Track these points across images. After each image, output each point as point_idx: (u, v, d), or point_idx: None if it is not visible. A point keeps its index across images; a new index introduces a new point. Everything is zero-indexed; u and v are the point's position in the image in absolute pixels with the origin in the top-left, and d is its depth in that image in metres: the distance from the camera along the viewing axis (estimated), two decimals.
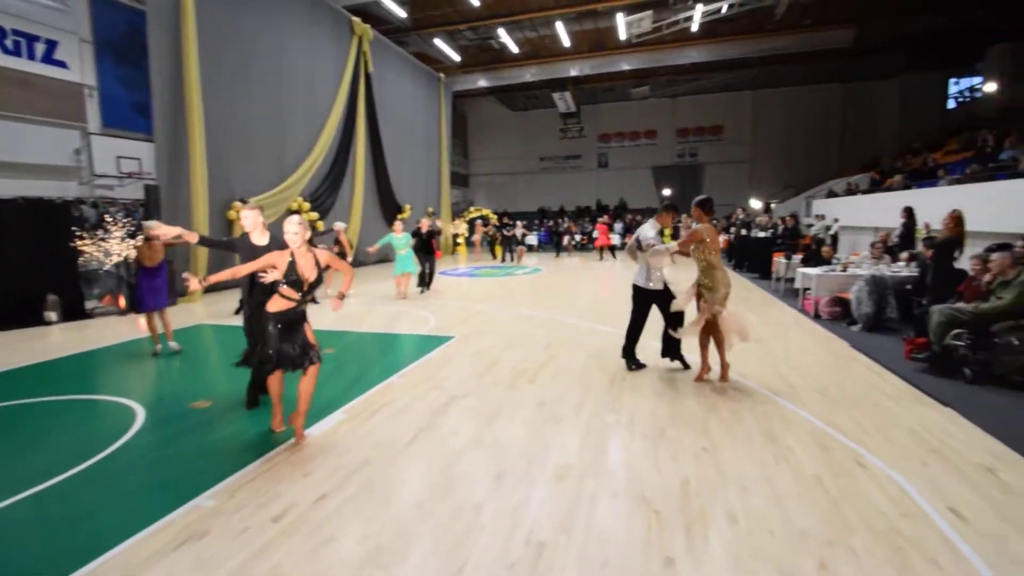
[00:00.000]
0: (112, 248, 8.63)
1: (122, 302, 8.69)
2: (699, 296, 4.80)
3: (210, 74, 10.18)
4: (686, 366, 5.15)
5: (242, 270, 3.56)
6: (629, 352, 5.21)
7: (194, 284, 3.44)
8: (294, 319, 3.55)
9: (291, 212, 12.59)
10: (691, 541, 2.45)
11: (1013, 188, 8.76)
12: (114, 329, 7.58)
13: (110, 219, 8.84)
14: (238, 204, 10.41)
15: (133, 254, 8.61)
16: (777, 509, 2.69)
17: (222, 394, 4.77)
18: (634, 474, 3.09)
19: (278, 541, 2.50)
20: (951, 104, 22.66)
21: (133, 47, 10.90)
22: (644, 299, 5.12)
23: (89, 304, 8.64)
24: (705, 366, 4.80)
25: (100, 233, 8.64)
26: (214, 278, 3.50)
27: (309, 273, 3.47)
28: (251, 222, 4.07)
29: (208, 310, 9.04)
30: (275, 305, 3.48)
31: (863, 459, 3.21)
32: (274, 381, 3.68)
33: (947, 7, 15.96)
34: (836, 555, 2.32)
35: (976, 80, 20.69)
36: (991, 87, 17.76)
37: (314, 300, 3.75)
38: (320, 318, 8.09)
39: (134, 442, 3.68)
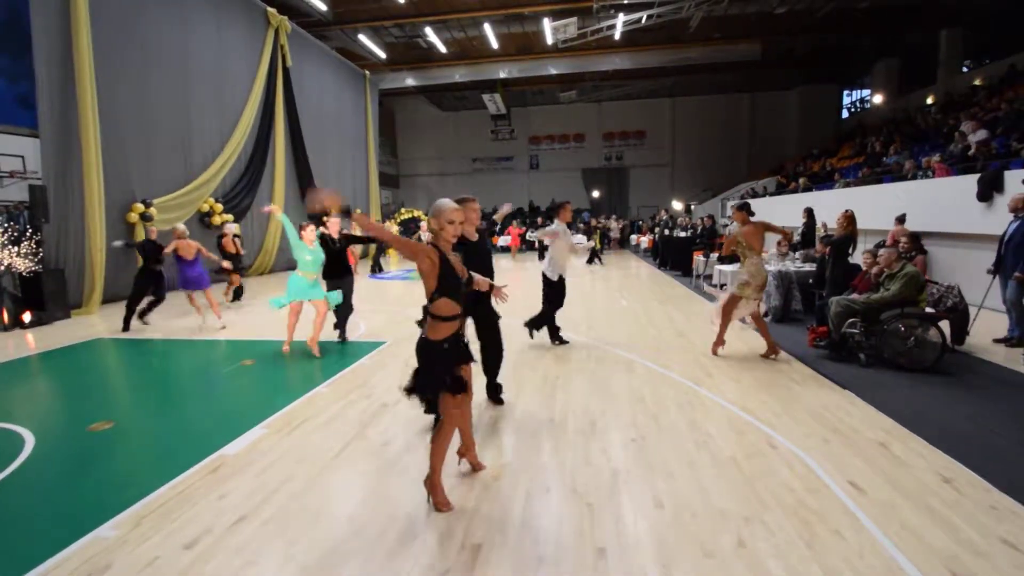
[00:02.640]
0: None
1: (5, 316, 7.73)
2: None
3: (105, 64, 9.27)
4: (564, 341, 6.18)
5: (398, 240, 2.82)
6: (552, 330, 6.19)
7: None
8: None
9: (202, 214, 11.78)
10: (621, 530, 2.52)
11: (897, 189, 9.83)
12: None
13: None
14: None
15: (18, 263, 7.76)
16: (698, 492, 2.83)
17: (124, 414, 4.36)
18: (567, 469, 3.14)
19: (192, 570, 2.31)
20: (844, 114, 25.08)
21: (13, 33, 9.76)
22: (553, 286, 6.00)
23: None
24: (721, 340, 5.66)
25: None
26: (364, 222, 2.77)
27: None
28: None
29: (107, 324, 8.24)
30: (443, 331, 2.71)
31: (774, 440, 3.46)
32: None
33: (838, 27, 17.62)
34: (753, 531, 2.48)
35: (865, 92, 23.03)
36: (878, 98, 19.83)
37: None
38: (234, 327, 7.62)
39: (22, 472, 3.29)
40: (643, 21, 15.69)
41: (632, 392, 4.48)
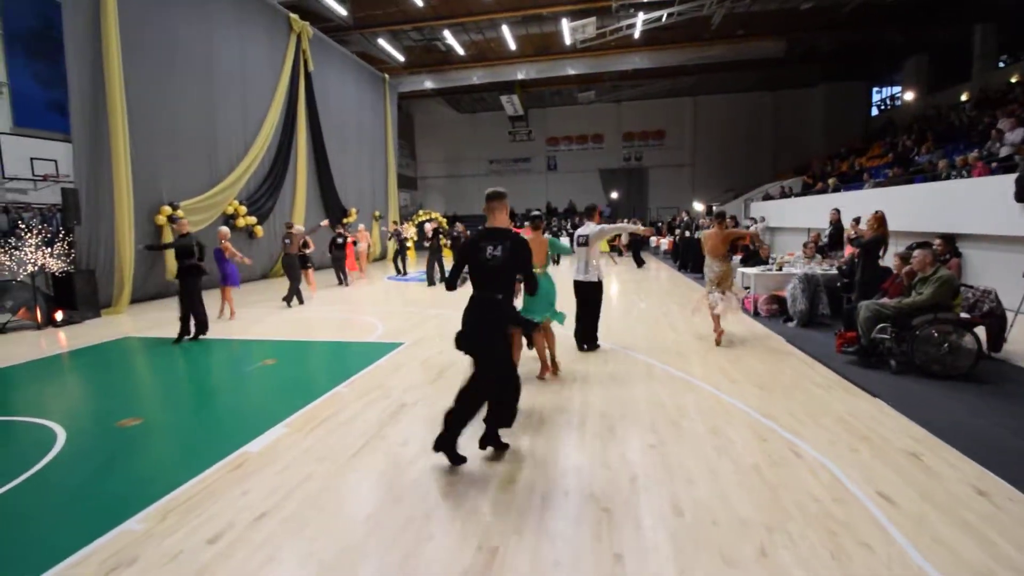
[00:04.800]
0: (27, 256, 7.91)
1: (39, 315, 8.00)
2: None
3: (133, 70, 9.53)
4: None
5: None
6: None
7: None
8: None
9: (227, 216, 12.02)
10: (639, 536, 2.48)
11: (930, 190, 9.49)
12: (32, 344, 6.97)
13: (23, 225, 8.11)
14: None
15: (51, 264, 8.03)
16: (720, 500, 2.77)
17: (151, 410, 4.47)
18: (584, 473, 3.11)
19: (215, 564, 2.36)
20: (874, 111, 24.44)
21: (47, 41, 10.13)
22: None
23: (1, 318, 7.91)
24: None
25: (12, 240, 7.92)
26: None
27: None
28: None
29: (136, 323, 8.47)
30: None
31: (798, 448, 3.38)
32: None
33: (865, 23, 17.19)
34: (775, 541, 2.41)
35: (895, 89, 22.42)
36: (909, 95, 19.28)
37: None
38: (259, 327, 7.76)
39: (54, 465, 3.39)
40: (663, 20, 15.53)
41: (651, 396, 4.42)
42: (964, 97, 17.03)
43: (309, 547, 2.47)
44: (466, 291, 3.35)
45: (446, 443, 3.20)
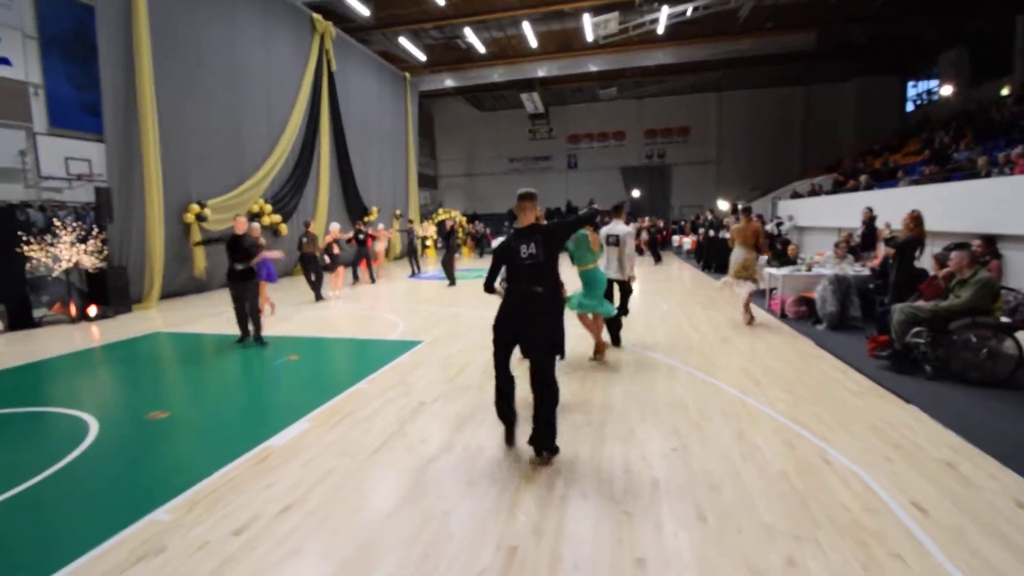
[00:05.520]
0: (62, 253, 8.18)
1: (73, 310, 8.27)
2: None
3: (163, 72, 9.79)
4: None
5: None
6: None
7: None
8: None
9: (252, 215, 12.25)
10: (661, 541, 2.44)
11: (969, 188, 9.10)
12: (66, 338, 7.21)
13: (59, 223, 8.39)
14: None
15: (84, 261, 8.28)
16: (745, 506, 2.71)
17: (180, 404, 4.58)
18: (604, 475, 3.07)
19: (240, 555, 2.40)
20: (909, 107, 23.61)
21: (81, 44, 10.43)
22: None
23: (37, 312, 8.20)
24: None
25: (48, 238, 8.20)
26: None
27: None
28: None
29: (164, 318, 8.69)
30: None
31: (827, 455, 3.27)
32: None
33: (900, 15, 16.63)
34: (803, 550, 2.34)
35: (932, 83, 21.61)
36: (946, 90, 18.56)
37: None
38: (283, 324, 7.88)
39: (87, 455, 3.50)
40: (688, 14, 15.26)
41: (673, 399, 4.35)
42: (1005, 91, 16.31)
43: (331, 541, 2.49)
44: (483, 295, 3.38)
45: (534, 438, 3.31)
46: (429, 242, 22.48)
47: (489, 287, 3.52)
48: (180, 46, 10.36)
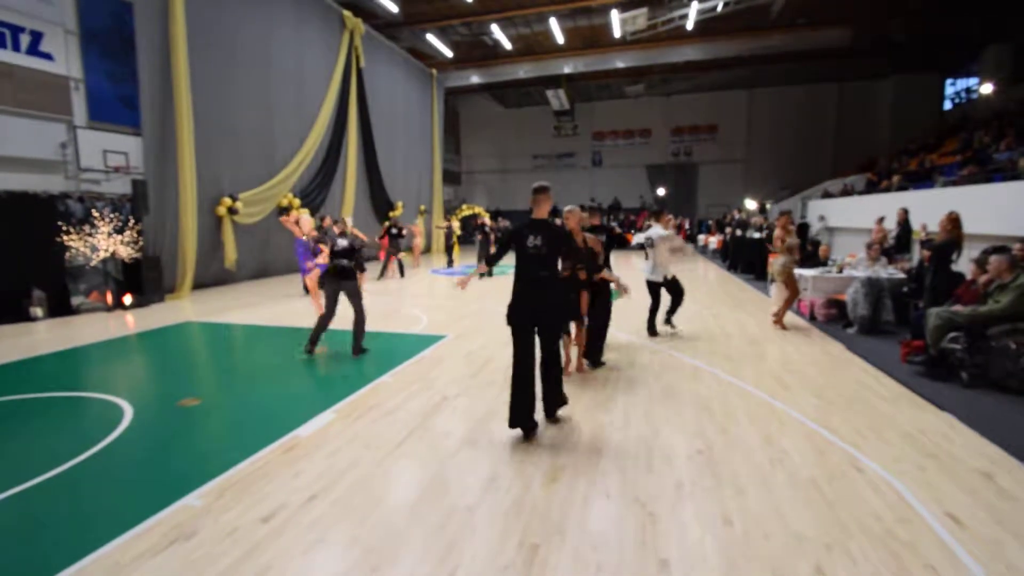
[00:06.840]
0: (99, 243, 8.47)
1: (109, 298, 8.56)
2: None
3: (198, 67, 10.01)
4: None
5: None
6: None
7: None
8: None
9: (281, 208, 12.47)
10: (686, 544, 2.41)
11: (1010, 190, 8.73)
12: (102, 325, 7.46)
13: (97, 214, 8.68)
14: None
15: (121, 251, 8.56)
16: (773, 512, 2.66)
17: (211, 392, 4.69)
18: (628, 476, 3.05)
19: (268, 542, 2.45)
20: (947, 105, 22.73)
21: (120, 40, 10.72)
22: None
23: (75, 300, 8.50)
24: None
25: (87, 228, 8.49)
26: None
27: None
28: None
29: (196, 309, 8.92)
30: None
31: (859, 463, 3.19)
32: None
33: (939, 10, 16.02)
34: (833, 559, 2.29)
35: (972, 81, 20.76)
36: (987, 88, 17.83)
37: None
38: (307, 318, 8.00)
39: (122, 440, 3.62)
40: (719, 9, 14.96)
41: (699, 401, 4.29)
42: None
43: (356, 531, 2.53)
44: (505, 285, 3.44)
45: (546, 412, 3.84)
46: (454, 238, 22.60)
47: (491, 263, 3.99)
48: (215, 42, 10.58)
